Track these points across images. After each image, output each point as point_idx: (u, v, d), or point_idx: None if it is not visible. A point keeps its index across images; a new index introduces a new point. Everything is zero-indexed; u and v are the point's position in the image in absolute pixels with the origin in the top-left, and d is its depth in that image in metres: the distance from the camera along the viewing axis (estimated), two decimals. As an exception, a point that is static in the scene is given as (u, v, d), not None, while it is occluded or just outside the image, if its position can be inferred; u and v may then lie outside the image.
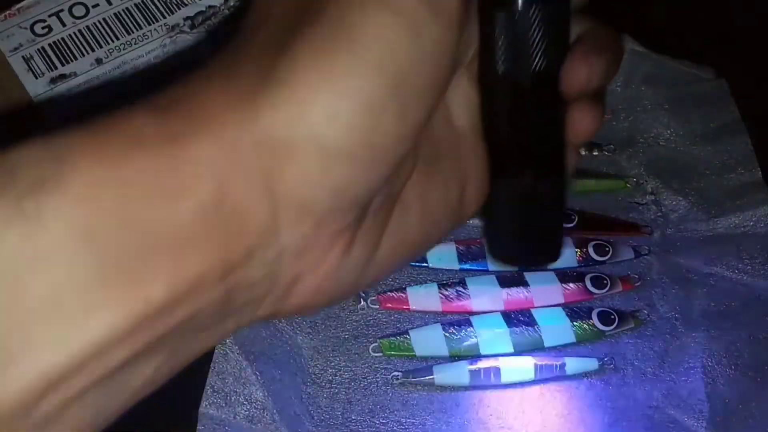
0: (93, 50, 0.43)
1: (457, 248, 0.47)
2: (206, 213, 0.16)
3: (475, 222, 0.48)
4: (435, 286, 0.45)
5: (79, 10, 0.44)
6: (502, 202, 0.24)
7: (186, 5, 0.45)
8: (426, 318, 0.45)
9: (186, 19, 0.45)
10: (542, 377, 0.42)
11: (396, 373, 0.42)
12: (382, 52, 0.17)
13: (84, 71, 0.42)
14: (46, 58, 0.42)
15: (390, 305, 0.45)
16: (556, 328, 0.44)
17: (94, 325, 0.15)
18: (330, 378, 0.43)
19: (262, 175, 0.17)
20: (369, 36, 0.17)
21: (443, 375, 0.42)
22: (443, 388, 0.42)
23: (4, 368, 0.15)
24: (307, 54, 0.17)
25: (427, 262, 0.46)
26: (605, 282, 0.45)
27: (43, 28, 0.43)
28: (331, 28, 0.17)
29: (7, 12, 0.43)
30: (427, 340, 0.43)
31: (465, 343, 0.43)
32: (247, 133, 0.17)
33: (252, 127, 0.17)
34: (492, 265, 0.46)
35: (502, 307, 0.44)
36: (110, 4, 0.44)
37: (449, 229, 0.23)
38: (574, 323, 0.44)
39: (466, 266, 0.46)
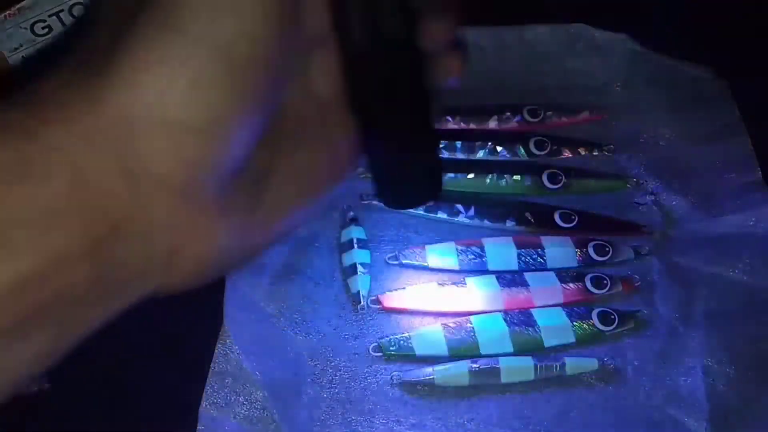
0: (93, 50, 0.43)
1: (457, 248, 0.47)
2: (65, 194, 0.18)
3: (475, 222, 0.48)
4: (435, 286, 0.45)
5: (79, 11, 0.44)
6: (381, 154, 0.26)
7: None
8: (426, 318, 0.45)
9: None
10: (542, 377, 0.42)
11: (396, 373, 0.42)
12: (204, 29, 0.19)
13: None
14: (46, 58, 0.42)
15: (390, 305, 0.45)
16: (556, 328, 0.44)
17: None
18: (330, 378, 0.43)
19: (116, 155, 0.18)
20: (192, 15, 0.19)
21: (443, 375, 0.42)
22: (443, 388, 0.42)
23: None
24: (139, 38, 0.19)
25: (427, 262, 0.46)
26: (605, 282, 0.45)
27: (43, 28, 0.43)
28: (160, 12, 0.19)
29: (7, 12, 0.43)
30: (427, 340, 0.43)
31: (465, 343, 0.43)
32: (94, 117, 0.18)
33: (98, 111, 0.18)
34: (492, 265, 0.46)
35: (502, 307, 0.44)
36: (110, 4, 0.44)
37: (328, 190, 0.25)
38: (574, 323, 0.44)
39: (466, 266, 0.46)
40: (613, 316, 0.44)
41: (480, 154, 0.51)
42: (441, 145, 0.51)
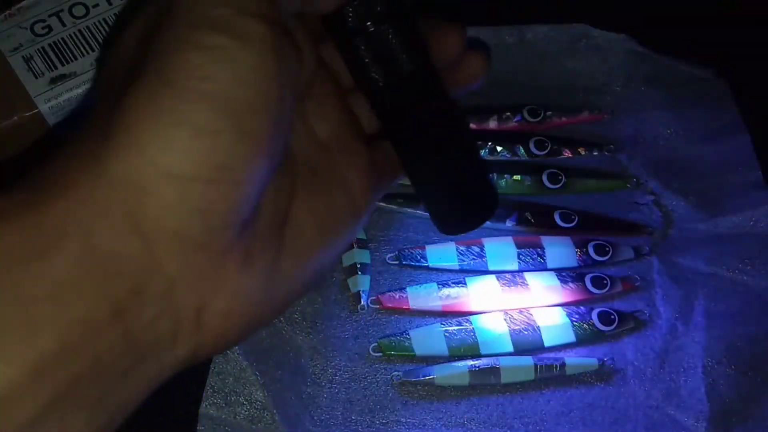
0: (93, 50, 0.43)
1: (457, 248, 0.47)
2: (80, 264, 0.18)
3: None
4: (435, 286, 0.45)
5: (79, 10, 0.44)
6: (427, 184, 0.26)
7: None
8: (426, 318, 0.45)
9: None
10: (542, 377, 0.42)
11: (396, 373, 0.42)
12: (201, 83, 0.19)
13: (84, 71, 0.42)
14: (46, 58, 0.42)
15: (390, 305, 0.45)
16: (556, 328, 0.44)
17: None
18: (330, 378, 0.43)
19: (125, 217, 0.18)
20: (187, 72, 0.19)
21: (443, 375, 0.42)
22: (443, 388, 0.42)
23: None
24: (136, 97, 0.19)
25: (427, 262, 0.46)
26: (605, 282, 0.45)
27: (43, 28, 0.43)
28: (154, 69, 0.19)
29: (7, 12, 0.43)
30: (427, 340, 0.43)
31: (465, 343, 0.43)
32: (100, 184, 0.18)
33: (101, 174, 0.19)
34: (492, 265, 0.46)
35: (502, 307, 0.44)
36: (110, 4, 0.44)
37: (350, 230, 0.25)
38: (574, 323, 0.44)
39: (466, 266, 0.46)
40: (613, 316, 0.44)
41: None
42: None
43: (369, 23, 0.23)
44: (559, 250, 0.47)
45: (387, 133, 0.26)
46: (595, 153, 0.51)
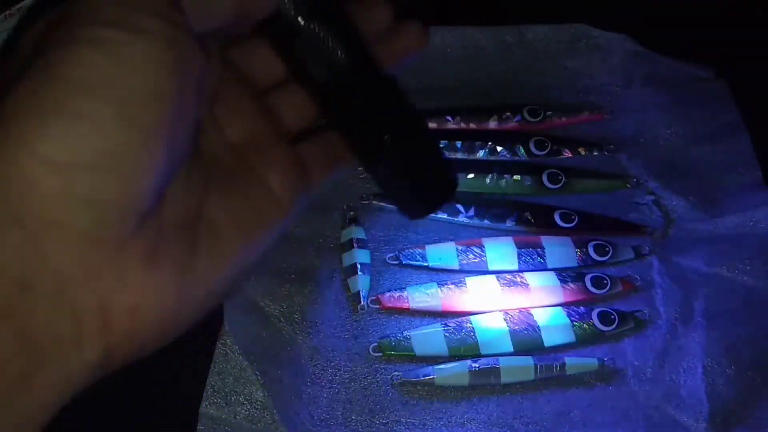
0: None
1: (457, 248, 0.47)
2: None
3: (475, 222, 0.48)
4: (435, 286, 0.45)
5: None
6: (383, 172, 0.27)
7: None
8: (426, 318, 0.45)
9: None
10: (542, 377, 0.42)
11: (396, 373, 0.42)
12: (85, 73, 0.19)
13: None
14: None
15: (390, 305, 0.45)
16: (556, 328, 0.44)
17: None
18: (330, 378, 0.43)
19: (3, 208, 0.18)
20: (72, 63, 0.19)
21: (443, 375, 0.42)
22: (443, 388, 0.42)
23: None
24: (18, 93, 0.19)
25: (427, 262, 0.46)
26: (605, 282, 0.45)
27: (43, 28, 0.43)
28: (40, 68, 0.19)
29: (7, 12, 0.43)
30: (427, 340, 0.43)
31: (465, 343, 0.43)
32: None
33: None
34: (492, 265, 0.46)
35: (502, 307, 0.44)
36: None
37: (273, 229, 0.25)
38: (574, 323, 0.44)
39: (466, 266, 0.46)
40: (613, 316, 0.44)
41: (480, 154, 0.51)
42: (439, 141, 0.51)
43: (300, 20, 0.24)
44: (559, 250, 0.47)
45: (336, 127, 0.27)
46: (595, 153, 0.51)
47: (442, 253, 0.47)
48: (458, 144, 0.51)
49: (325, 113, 0.27)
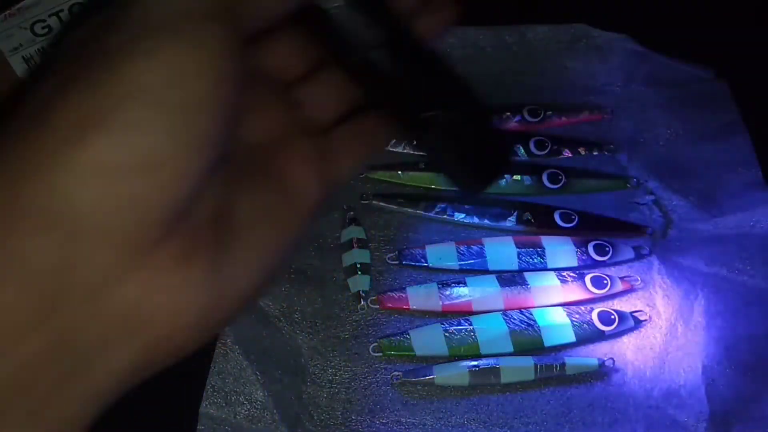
0: (93, 50, 0.43)
1: (457, 248, 0.47)
2: None
3: (475, 222, 0.48)
4: (435, 286, 0.45)
5: (78, 10, 0.44)
6: (440, 147, 0.26)
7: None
8: (426, 318, 0.45)
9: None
10: (542, 377, 0.42)
11: (396, 373, 0.42)
12: (135, 84, 0.19)
13: (84, 71, 0.42)
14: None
15: (390, 305, 0.45)
16: (556, 328, 0.44)
17: None
18: (330, 378, 0.43)
19: (43, 212, 0.18)
20: (122, 74, 0.19)
21: (443, 375, 0.42)
22: (443, 388, 0.42)
23: None
24: (63, 104, 0.18)
25: (427, 262, 0.46)
26: (605, 282, 0.45)
27: (43, 28, 0.43)
28: (86, 79, 0.19)
29: (7, 12, 0.43)
30: (427, 340, 0.43)
31: (465, 343, 0.43)
32: (14, 182, 0.18)
33: (16, 175, 0.18)
34: (492, 265, 0.46)
35: (502, 307, 0.44)
36: (110, 4, 0.44)
37: (302, 219, 0.25)
38: (574, 323, 0.44)
39: (466, 266, 0.46)
40: (613, 316, 0.44)
41: (480, 154, 0.51)
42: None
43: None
44: (559, 250, 0.47)
45: (384, 107, 0.26)
46: (595, 153, 0.51)
47: (442, 253, 0.47)
48: (458, 144, 0.51)
49: (370, 95, 0.26)
